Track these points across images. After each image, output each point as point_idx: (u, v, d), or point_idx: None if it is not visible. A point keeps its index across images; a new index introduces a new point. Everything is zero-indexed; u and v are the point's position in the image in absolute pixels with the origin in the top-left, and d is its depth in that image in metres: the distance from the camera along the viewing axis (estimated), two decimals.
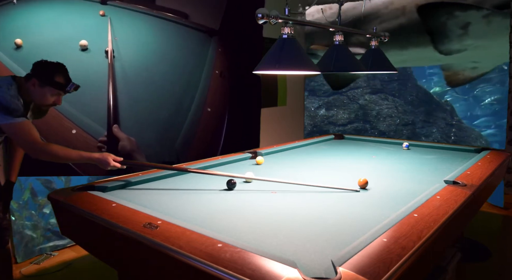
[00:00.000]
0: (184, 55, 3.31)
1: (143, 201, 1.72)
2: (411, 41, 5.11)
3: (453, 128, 8.03)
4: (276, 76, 4.44)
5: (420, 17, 4.87)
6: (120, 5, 3.06)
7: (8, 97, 1.85)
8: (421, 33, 4.96)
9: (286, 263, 1.06)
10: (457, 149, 2.99)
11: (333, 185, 1.94)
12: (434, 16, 4.71)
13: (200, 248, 1.17)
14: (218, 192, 1.90)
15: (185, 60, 3.31)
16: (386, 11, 5.30)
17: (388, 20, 5.27)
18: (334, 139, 3.58)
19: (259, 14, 1.76)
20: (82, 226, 1.67)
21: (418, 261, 1.17)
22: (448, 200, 1.64)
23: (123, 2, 3.08)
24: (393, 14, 5.23)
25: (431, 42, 4.92)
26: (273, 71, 1.88)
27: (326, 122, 8.28)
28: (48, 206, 3.54)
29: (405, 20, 5.08)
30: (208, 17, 3.40)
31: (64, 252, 3.13)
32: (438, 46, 4.81)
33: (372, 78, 8.26)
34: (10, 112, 1.83)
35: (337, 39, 2.40)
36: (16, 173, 2.28)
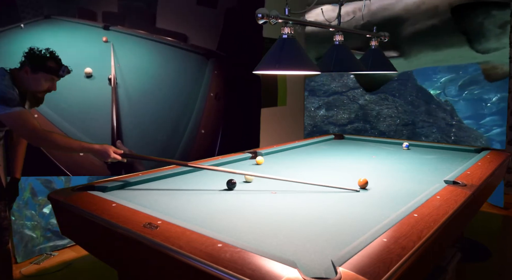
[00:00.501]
0: (182, 79, 3.42)
1: (143, 201, 1.73)
2: (444, 41, 5.00)
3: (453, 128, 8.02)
4: (276, 76, 4.44)
5: (455, 17, 4.80)
6: (122, 30, 3.15)
7: (3, 88, 1.85)
8: (455, 33, 4.87)
9: (286, 263, 1.06)
10: (457, 149, 2.99)
11: (333, 185, 1.94)
12: (470, 16, 4.63)
13: (200, 248, 1.17)
14: (218, 192, 1.90)
15: (183, 83, 3.43)
16: (418, 12, 5.27)
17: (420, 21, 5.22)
18: (334, 139, 3.58)
19: (259, 14, 1.76)
20: (82, 226, 1.67)
21: (418, 261, 1.17)
22: (448, 200, 1.64)
23: (125, 28, 3.16)
24: (425, 15, 5.19)
25: (467, 42, 4.82)
26: (273, 71, 1.88)
27: (326, 122, 8.28)
28: (48, 206, 3.53)
29: (437, 21, 4.99)
30: (207, 37, 3.51)
31: (64, 252, 3.13)
32: (474, 46, 4.72)
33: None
34: (6, 102, 1.84)
35: (337, 39, 2.40)
36: (20, 169, 2.30)
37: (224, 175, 2.15)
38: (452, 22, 4.87)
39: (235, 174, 2.06)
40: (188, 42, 3.42)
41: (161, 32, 3.31)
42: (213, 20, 3.49)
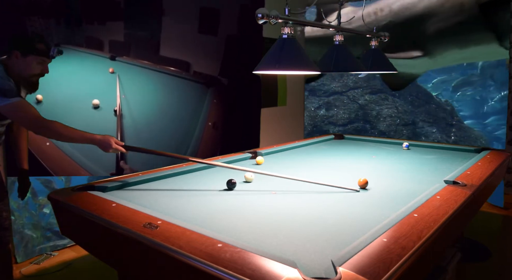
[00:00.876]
0: (183, 108, 3.55)
1: (143, 201, 1.73)
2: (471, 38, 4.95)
3: (453, 128, 8.02)
4: (276, 76, 4.44)
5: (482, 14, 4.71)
6: (127, 61, 3.28)
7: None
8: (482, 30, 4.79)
9: (286, 263, 1.06)
10: (457, 149, 2.99)
11: (333, 184, 1.94)
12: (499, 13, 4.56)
13: (200, 248, 1.17)
14: (218, 192, 1.90)
15: (184, 112, 3.55)
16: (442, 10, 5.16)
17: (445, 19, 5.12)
18: (334, 139, 3.58)
19: (259, 14, 1.76)
20: (82, 226, 1.67)
21: (418, 261, 1.17)
22: (448, 200, 1.64)
23: (130, 58, 3.28)
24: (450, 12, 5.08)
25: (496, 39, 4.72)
26: (273, 71, 1.88)
27: (326, 122, 8.28)
28: (48, 206, 3.53)
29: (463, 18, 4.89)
30: (209, 64, 3.63)
31: (64, 252, 3.13)
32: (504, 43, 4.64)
33: (373, 78, 8.26)
34: (5, 94, 1.84)
35: (337, 39, 2.40)
36: (26, 160, 2.32)
37: (224, 175, 2.15)
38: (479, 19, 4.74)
39: (236, 169, 2.06)
40: (191, 69, 3.55)
41: (165, 60, 3.44)
42: (214, 47, 3.63)
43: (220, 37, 3.62)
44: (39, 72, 2.03)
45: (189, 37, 3.50)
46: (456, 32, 4.97)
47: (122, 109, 3.24)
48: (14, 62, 1.96)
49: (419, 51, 5.46)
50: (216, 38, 3.61)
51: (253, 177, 2.09)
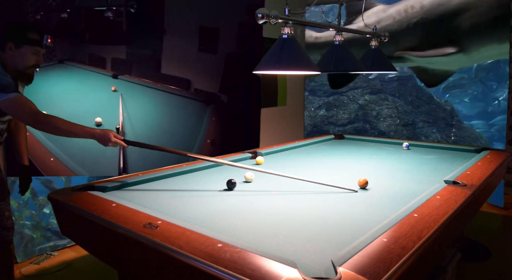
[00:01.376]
0: (183, 125, 3.60)
1: (143, 201, 1.73)
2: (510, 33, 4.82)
3: (453, 128, 8.03)
4: (276, 76, 4.44)
5: None
6: (129, 79, 3.34)
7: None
8: None
9: (286, 263, 1.06)
10: (457, 149, 2.99)
11: (333, 184, 1.94)
12: None
13: (200, 248, 1.17)
14: (218, 192, 1.90)
15: (184, 130, 3.60)
16: (477, 4, 4.97)
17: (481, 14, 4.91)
18: (334, 139, 3.58)
19: (259, 14, 1.76)
20: (82, 226, 1.67)
21: (418, 261, 1.17)
22: (448, 200, 1.64)
23: (132, 76, 3.34)
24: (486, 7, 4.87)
25: None
26: (273, 71, 1.88)
27: (326, 122, 8.28)
28: (48, 206, 3.54)
29: (501, 12, 4.58)
30: (209, 81, 3.68)
31: (64, 252, 3.13)
32: None
33: (373, 78, 8.27)
34: (3, 89, 1.84)
35: (337, 39, 2.40)
36: (26, 156, 2.33)
37: (224, 175, 2.15)
38: None
39: (237, 167, 2.06)
40: (192, 86, 3.61)
41: (166, 78, 3.50)
42: (214, 65, 3.69)
43: (220, 55, 3.70)
44: (34, 63, 2.02)
45: (190, 55, 3.58)
46: (493, 26, 4.71)
47: (124, 127, 3.28)
48: (9, 55, 1.96)
49: (452, 48, 5.30)
50: (215, 56, 3.70)
51: (253, 177, 2.09)
